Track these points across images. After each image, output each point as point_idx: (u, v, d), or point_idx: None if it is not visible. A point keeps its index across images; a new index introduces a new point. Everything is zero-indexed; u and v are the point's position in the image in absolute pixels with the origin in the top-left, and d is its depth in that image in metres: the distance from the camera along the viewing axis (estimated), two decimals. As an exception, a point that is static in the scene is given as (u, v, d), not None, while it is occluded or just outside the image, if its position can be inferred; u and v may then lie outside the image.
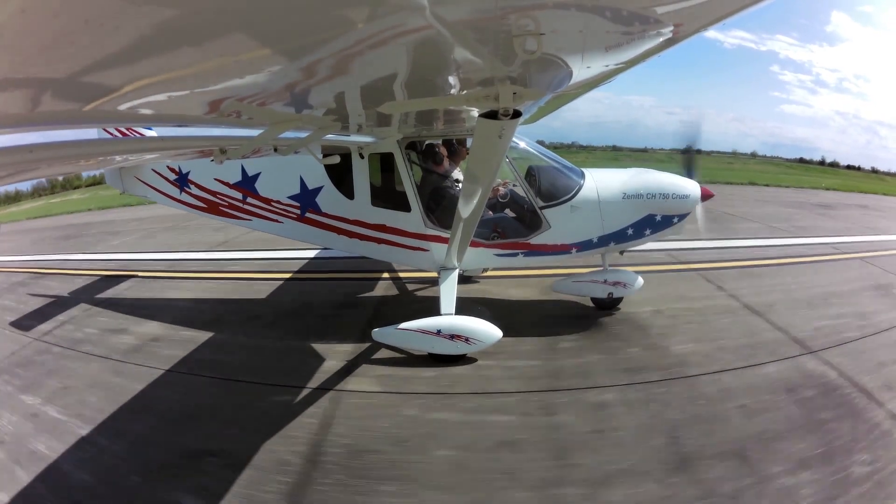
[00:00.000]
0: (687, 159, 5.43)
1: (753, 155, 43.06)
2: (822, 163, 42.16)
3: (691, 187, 5.07)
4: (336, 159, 4.50)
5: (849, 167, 41.10)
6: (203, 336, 5.28)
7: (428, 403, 3.90)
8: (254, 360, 4.74)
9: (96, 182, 25.29)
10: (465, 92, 2.01)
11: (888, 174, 37.25)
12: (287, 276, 7.45)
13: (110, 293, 7.02)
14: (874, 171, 39.13)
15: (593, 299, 5.62)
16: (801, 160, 42.05)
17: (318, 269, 7.85)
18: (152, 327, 5.58)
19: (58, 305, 6.55)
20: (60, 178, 26.54)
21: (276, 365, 4.62)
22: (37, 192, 26.98)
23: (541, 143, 6.11)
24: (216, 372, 4.52)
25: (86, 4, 0.80)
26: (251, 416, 3.80)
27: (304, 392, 4.08)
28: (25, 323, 6.04)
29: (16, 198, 25.75)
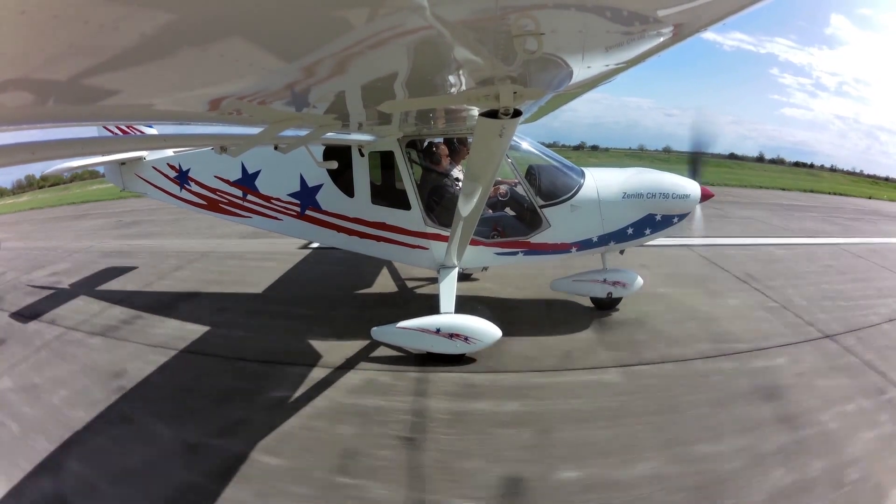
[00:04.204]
0: (693, 159, 5.42)
1: (667, 150, 41.53)
2: (759, 159, 40.72)
3: (691, 187, 5.07)
4: (334, 165, 4.53)
5: (797, 164, 39.97)
6: (201, 329, 5.33)
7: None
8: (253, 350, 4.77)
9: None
10: (465, 91, 2.01)
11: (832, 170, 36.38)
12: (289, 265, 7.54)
13: (113, 285, 7.05)
14: (832, 169, 38.34)
15: (592, 299, 5.63)
16: (732, 155, 40.54)
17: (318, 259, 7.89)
18: (156, 320, 5.60)
19: (59, 297, 6.56)
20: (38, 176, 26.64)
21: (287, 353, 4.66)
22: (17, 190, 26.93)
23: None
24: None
25: (85, 6, 0.80)
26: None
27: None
28: (25, 314, 6.07)
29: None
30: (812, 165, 40.17)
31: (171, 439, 3.58)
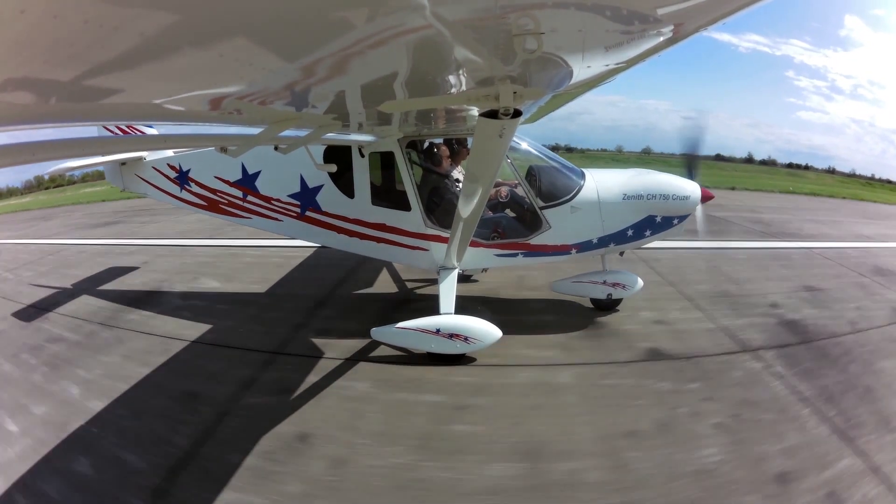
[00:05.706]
0: (688, 161, 5.41)
1: (647, 151, 40.96)
2: (748, 160, 40.56)
3: (692, 189, 5.05)
4: (333, 168, 4.55)
5: (789, 165, 39.71)
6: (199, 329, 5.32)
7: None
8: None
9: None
10: (465, 91, 2.01)
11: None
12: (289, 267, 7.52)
13: (114, 285, 7.04)
14: (831, 171, 38.18)
15: (592, 300, 5.62)
16: (719, 156, 39.99)
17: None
18: (160, 320, 5.60)
19: (60, 297, 6.56)
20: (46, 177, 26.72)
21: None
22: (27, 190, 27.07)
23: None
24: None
25: (85, 5, 0.80)
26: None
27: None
28: (28, 314, 6.08)
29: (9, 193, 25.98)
30: (807, 167, 40.20)
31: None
